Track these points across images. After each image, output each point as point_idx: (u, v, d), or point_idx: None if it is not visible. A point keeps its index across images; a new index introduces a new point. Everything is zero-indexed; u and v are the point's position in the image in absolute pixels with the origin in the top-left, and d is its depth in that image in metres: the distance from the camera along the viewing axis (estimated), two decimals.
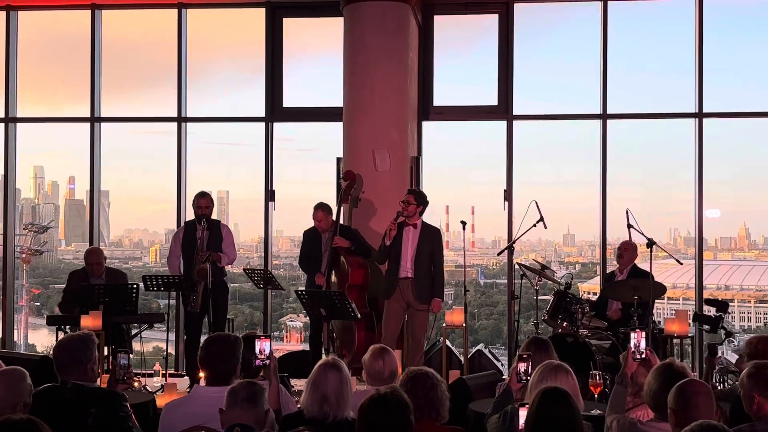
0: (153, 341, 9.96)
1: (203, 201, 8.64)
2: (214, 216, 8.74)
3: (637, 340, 4.53)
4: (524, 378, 4.61)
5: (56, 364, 4.31)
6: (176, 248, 8.75)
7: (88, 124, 10.68)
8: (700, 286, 10.01)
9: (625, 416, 4.26)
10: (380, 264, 8.48)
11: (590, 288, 12.18)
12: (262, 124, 10.55)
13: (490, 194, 10.47)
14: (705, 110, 9.96)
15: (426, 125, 10.43)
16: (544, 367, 4.35)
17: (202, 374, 5.10)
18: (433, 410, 4.29)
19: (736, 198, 11.68)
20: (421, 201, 8.15)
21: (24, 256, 12.44)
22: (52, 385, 4.28)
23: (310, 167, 12.05)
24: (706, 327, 7.85)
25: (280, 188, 10.53)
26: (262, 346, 4.66)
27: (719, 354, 7.38)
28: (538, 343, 5.31)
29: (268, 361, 4.66)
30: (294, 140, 11.38)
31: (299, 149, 11.68)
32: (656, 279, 8.05)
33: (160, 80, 11.22)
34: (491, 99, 10.40)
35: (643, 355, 4.51)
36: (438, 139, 10.94)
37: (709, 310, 8.30)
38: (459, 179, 12.45)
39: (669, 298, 11.39)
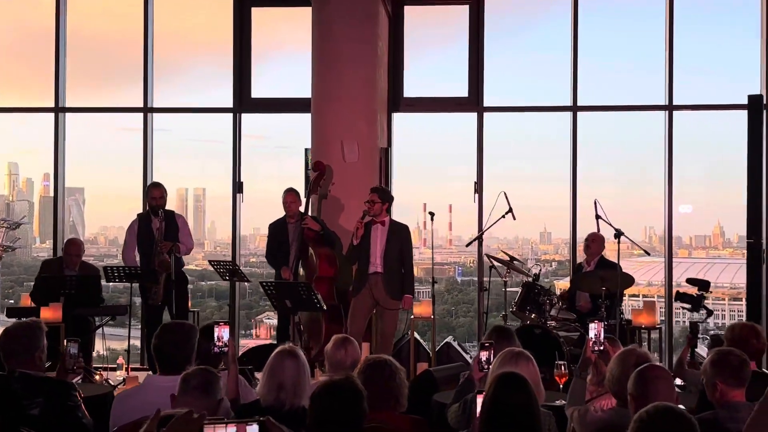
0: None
1: (157, 192, 8.52)
2: (193, 213, 8.62)
3: (596, 331, 4.48)
4: (486, 367, 4.54)
5: (3, 353, 4.18)
6: (132, 241, 8.63)
7: (53, 115, 10.49)
8: (669, 281, 9.98)
9: (585, 406, 4.21)
10: (351, 264, 8.37)
11: (566, 286, 12.20)
12: (231, 116, 10.41)
13: (465, 190, 10.36)
14: (675, 102, 9.93)
15: (397, 117, 10.35)
16: (504, 355, 4.28)
17: None
18: (392, 398, 4.21)
19: (710, 195, 11.64)
20: (386, 198, 8.05)
21: None
22: None
23: (286, 163, 11.91)
24: (687, 306, 7.81)
25: (256, 186, 10.45)
26: (220, 332, 4.56)
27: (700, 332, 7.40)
28: (501, 332, 5.25)
29: (226, 349, 4.56)
30: (270, 138, 11.30)
31: (276, 146, 11.59)
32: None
33: (127, 72, 11.04)
34: (462, 91, 10.32)
35: (602, 347, 4.46)
36: (410, 130, 10.86)
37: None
38: (432, 172, 12.37)
39: (645, 296, 11.38)
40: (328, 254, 8.53)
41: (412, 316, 8.32)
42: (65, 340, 4.59)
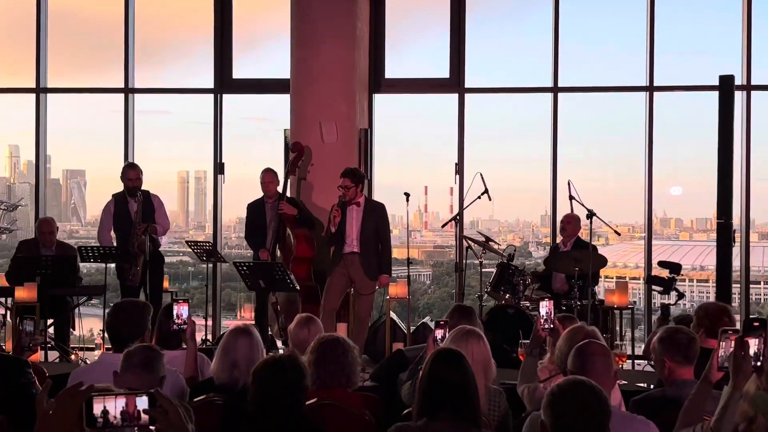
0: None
1: (133, 173, 8.52)
2: (194, 195, 8.62)
3: (547, 309, 4.51)
4: (440, 344, 4.56)
5: None
6: (108, 222, 8.63)
7: (35, 96, 10.48)
8: (649, 262, 9.99)
9: (535, 383, 4.24)
10: (329, 247, 8.37)
11: None
12: (213, 97, 10.40)
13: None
14: (656, 84, 9.92)
15: (378, 98, 10.33)
16: (455, 333, 4.31)
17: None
18: (344, 376, 4.25)
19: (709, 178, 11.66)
20: (359, 180, 7.99)
21: None
22: None
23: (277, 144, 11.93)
24: (658, 288, 7.84)
25: (243, 170, 10.45)
26: (179, 310, 4.59)
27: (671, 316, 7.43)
28: (462, 311, 5.30)
29: (185, 326, 4.58)
30: (266, 120, 11.29)
31: (270, 128, 11.59)
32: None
33: (108, 52, 11.02)
34: (443, 72, 10.30)
35: (552, 325, 4.49)
36: (392, 112, 10.86)
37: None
38: (416, 154, 12.39)
39: (634, 278, 11.41)
40: (306, 235, 8.56)
41: (388, 297, 8.35)
42: (22, 318, 4.59)
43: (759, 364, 3.02)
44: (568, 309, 7.93)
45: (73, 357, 7.84)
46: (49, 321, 8.24)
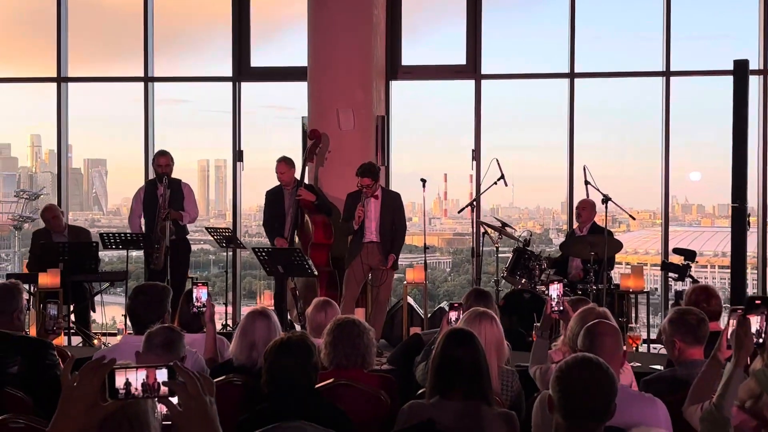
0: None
1: (163, 159, 8.64)
2: (214, 183, 8.72)
3: (558, 292, 4.57)
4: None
5: None
6: (137, 208, 8.77)
7: (56, 85, 10.61)
8: (666, 247, 10.01)
9: (547, 365, 4.31)
10: (347, 236, 8.46)
11: None
12: (231, 85, 10.49)
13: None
14: (672, 69, 9.93)
15: (396, 84, 10.40)
16: (468, 314, 4.38)
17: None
18: (359, 357, 4.33)
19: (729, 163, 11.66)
20: (377, 176, 8.08)
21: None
22: None
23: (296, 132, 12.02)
24: (673, 275, 7.87)
25: (263, 158, 10.54)
26: (198, 293, 4.68)
27: None
28: (478, 294, 5.36)
29: (204, 309, 4.68)
30: (287, 108, 11.37)
31: (290, 116, 11.66)
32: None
33: (128, 41, 11.13)
34: (460, 58, 10.35)
35: (561, 307, 4.55)
36: (409, 98, 10.93)
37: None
38: (434, 140, 12.44)
39: (654, 265, 11.40)
40: (324, 221, 8.64)
41: (405, 282, 8.45)
42: (46, 302, 4.71)
43: (761, 341, 3.08)
44: (584, 293, 7.98)
45: (95, 342, 7.97)
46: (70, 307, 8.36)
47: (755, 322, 3.08)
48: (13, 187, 14.12)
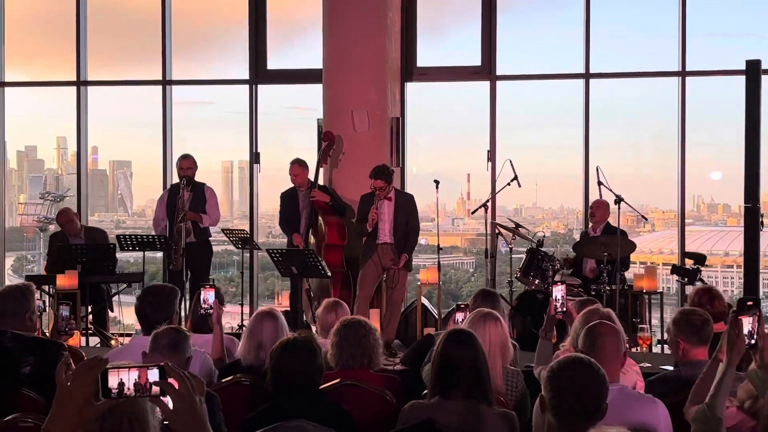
0: None
1: (185, 162, 8.74)
2: (238, 184, 8.78)
3: (561, 294, 4.60)
4: None
5: None
6: (161, 210, 8.87)
7: (75, 89, 10.74)
8: (682, 248, 9.99)
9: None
10: (361, 237, 8.48)
11: None
12: (248, 88, 10.57)
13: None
14: (688, 69, 9.91)
15: (411, 86, 10.44)
16: (473, 315, 4.42)
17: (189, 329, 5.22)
18: (365, 357, 4.37)
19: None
20: (390, 178, 8.09)
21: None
22: None
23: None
24: (684, 279, 7.87)
25: (284, 159, 10.62)
26: (205, 295, 4.75)
27: None
28: (486, 295, 5.40)
29: (211, 311, 4.75)
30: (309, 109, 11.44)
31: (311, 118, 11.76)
32: (633, 242, 8.11)
33: (146, 44, 11.25)
34: (475, 59, 10.38)
35: (564, 308, 4.58)
36: (426, 100, 10.96)
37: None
38: (451, 141, 12.47)
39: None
40: (337, 222, 8.71)
41: (419, 283, 8.49)
42: (59, 303, 4.80)
43: (753, 341, 3.10)
44: (597, 294, 7.99)
45: (113, 342, 8.07)
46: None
47: (747, 323, 3.10)
48: (39, 188, 14.30)
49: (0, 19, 10.85)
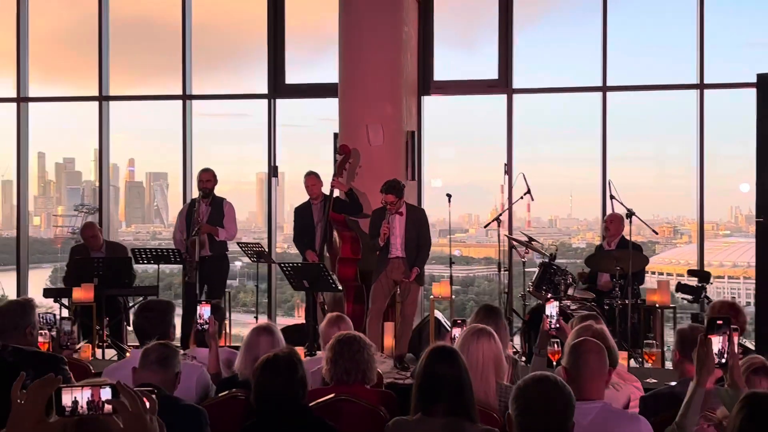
0: None
1: (205, 175, 8.82)
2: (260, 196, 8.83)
3: (555, 310, 4.60)
4: None
5: None
6: (181, 223, 8.95)
7: (95, 105, 10.90)
8: (701, 261, 9.92)
9: None
10: (375, 252, 8.48)
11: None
12: (266, 102, 10.68)
13: (542, 172, 10.52)
14: (706, 81, 9.86)
15: (428, 100, 10.48)
16: (467, 331, 4.42)
17: (193, 341, 5.28)
18: (359, 372, 4.39)
19: None
20: (401, 192, 8.06)
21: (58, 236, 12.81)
22: None
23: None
24: (688, 297, 7.82)
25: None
26: (201, 311, 4.80)
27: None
28: (487, 311, 5.38)
29: (206, 326, 4.80)
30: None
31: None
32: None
33: (167, 59, 11.39)
34: (492, 73, 10.39)
35: (558, 325, 4.57)
36: (451, 113, 11.00)
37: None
38: (470, 154, 12.47)
39: (730, 277, 11.30)
40: (351, 236, 8.76)
41: (432, 296, 8.50)
42: (61, 318, 4.88)
43: (723, 360, 3.09)
44: (611, 308, 7.97)
45: (128, 354, 8.14)
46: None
47: (717, 342, 3.09)
48: (77, 200, 14.50)
49: (25, 36, 11.05)
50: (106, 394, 2.04)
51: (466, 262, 15.75)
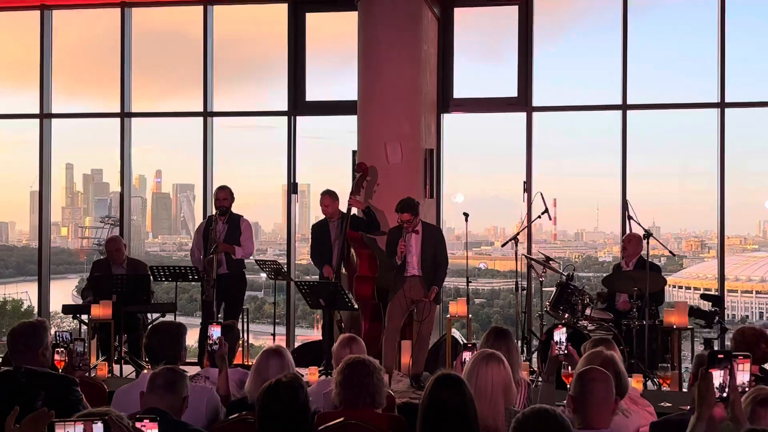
0: None
1: (221, 193, 8.84)
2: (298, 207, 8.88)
3: (562, 336, 4.58)
4: None
5: (9, 350, 4.53)
6: (198, 240, 8.97)
7: (118, 120, 11.00)
8: (722, 276, 9.85)
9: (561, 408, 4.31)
10: (392, 270, 8.44)
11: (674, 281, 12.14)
12: (286, 119, 10.72)
13: (567, 185, 10.49)
14: (727, 100, 9.80)
15: (448, 117, 10.49)
16: (477, 356, 4.40)
17: (207, 361, 5.30)
18: (368, 396, 4.38)
19: None
20: (417, 211, 8.07)
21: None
22: (6, 370, 4.50)
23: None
24: (701, 321, 7.76)
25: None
26: (211, 332, 4.82)
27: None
28: (498, 334, 5.36)
29: (216, 347, 4.82)
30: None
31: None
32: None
33: (188, 77, 11.49)
34: (511, 91, 10.38)
35: (566, 351, 4.55)
36: (467, 129, 11.00)
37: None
38: (496, 171, 12.46)
39: (758, 292, 11.22)
40: (369, 254, 8.76)
41: (448, 316, 8.48)
42: (74, 339, 4.92)
43: (725, 395, 3.06)
44: (628, 329, 7.91)
45: (145, 371, 8.19)
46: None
47: (718, 376, 3.07)
48: (104, 211, 14.64)
49: (48, 54, 11.18)
50: (98, 429, 2.07)
51: (491, 275, 15.70)
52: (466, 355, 4.76)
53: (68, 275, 16.93)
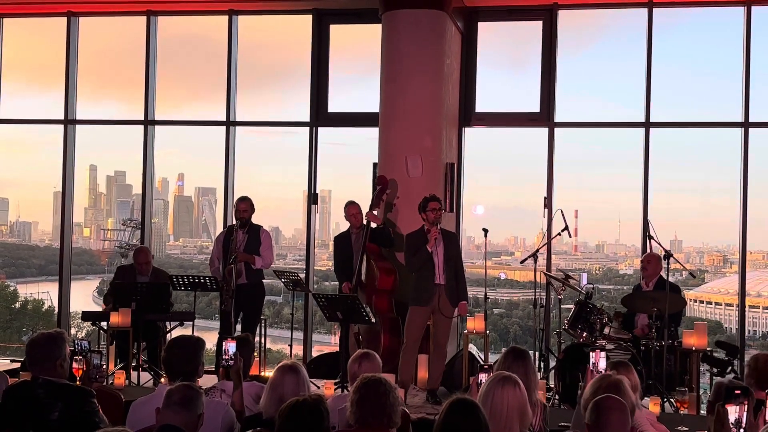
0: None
1: (242, 205, 8.86)
2: (319, 214, 8.91)
3: (595, 360, 4.57)
4: None
5: (28, 361, 4.56)
6: (217, 250, 9.00)
7: (141, 127, 11.07)
8: (743, 292, 9.78)
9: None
10: (413, 272, 8.21)
11: (697, 296, 12.07)
12: (308, 130, 10.76)
13: (589, 197, 10.47)
14: (751, 119, 9.74)
15: (469, 131, 10.48)
16: (493, 378, 4.39)
17: (222, 376, 5.31)
18: (385, 416, 4.36)
19: None
20: (440, 203, 8.10)
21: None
22: (23, 381, 4.53)
23: None
24: (714, 369, 7.70)
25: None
26: (226, 347, 4.83)
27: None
28: (516, 354, 5.33)
29: (231, 362, 4.83)
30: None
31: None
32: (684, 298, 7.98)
33: (210, 85, 11.55)
34: (534, 106, 10.37)
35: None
36: (489, 141, 10.99)
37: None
38: (519, 183, 12.43)
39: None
40: (388, 268, 8.75)
41: (465, 331, 8.45)
42: (90, 351, 4.94)
43: (742, 431, 3.04)
44: (647, 349, 7.86)
45: (163, 380, 8.21)
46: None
47: (734, 412, 3.05)
48: (126, 213, 14.74)
49: (73, 60, 11.27)
50: None
51: (511, 285, 15.64)
52: (482, 377, 4.74)
53: (88, 276, 17.05)
